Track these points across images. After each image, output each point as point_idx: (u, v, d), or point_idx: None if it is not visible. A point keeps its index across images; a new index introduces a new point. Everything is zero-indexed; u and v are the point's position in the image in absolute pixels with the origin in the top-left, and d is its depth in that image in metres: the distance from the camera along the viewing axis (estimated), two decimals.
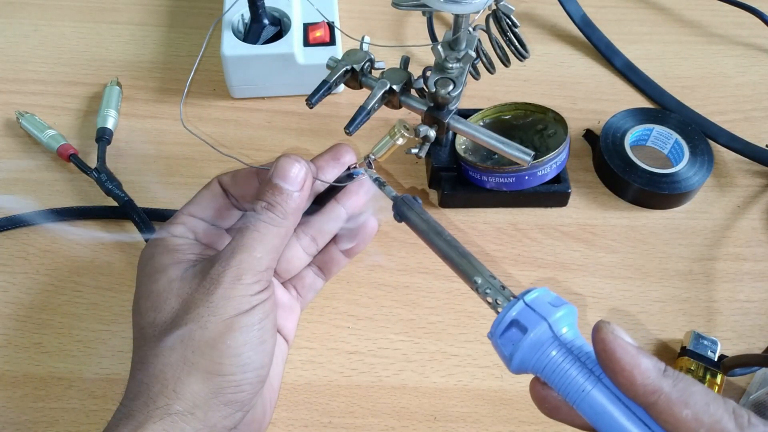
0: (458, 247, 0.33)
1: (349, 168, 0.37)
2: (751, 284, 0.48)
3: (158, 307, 0.32)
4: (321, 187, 0.38)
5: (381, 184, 0.36)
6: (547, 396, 0.29)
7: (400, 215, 0.35)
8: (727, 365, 0.42)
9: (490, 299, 0.31)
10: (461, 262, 0.33)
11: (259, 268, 0.33)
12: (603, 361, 0.26)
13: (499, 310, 0.30)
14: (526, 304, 0.29)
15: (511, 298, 0.30)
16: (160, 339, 0.32)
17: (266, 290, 0.33)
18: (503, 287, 0.31)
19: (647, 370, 0.25)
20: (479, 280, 0.32)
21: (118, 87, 0.56)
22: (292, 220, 0.34)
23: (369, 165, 0.37)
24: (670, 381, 0.25)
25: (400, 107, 0.45)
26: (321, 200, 0.39)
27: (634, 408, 0.26)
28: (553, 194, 0.50)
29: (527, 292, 0.29)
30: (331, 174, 0.38)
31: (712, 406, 0.25)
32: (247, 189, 0.37)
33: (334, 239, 0.41)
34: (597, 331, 0.27)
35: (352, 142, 0.54)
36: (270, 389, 0.37)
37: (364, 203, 0.40)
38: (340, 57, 0.44)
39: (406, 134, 0.36)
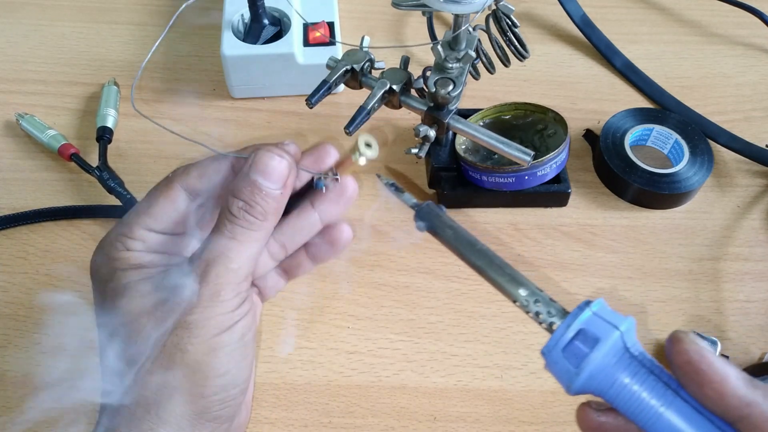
0: (495, 257, 0.30)
1: (312, 179, 0.33)
2: (751, 284, 0.48)
3: (131, 326, 0.30)
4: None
5: (398, 191, 0.32)
6: (604, 424, 0.26)
7: (428, 224, 0.31)
8: None
9: (539, 311, 0.28)
10: (502, 274, 0.29)
11: (237, 280, 0.30)
12: (686, 374, 0.25)
13: (553, 321, 0.27)
14: (594, 313, 0.26)
15: (564, 311, 0.28)
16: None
17: (246, 302, 0.31)
18: (552, 300, 0.28)
19: (737, 381, 0.24)
20: (524, 292, 0.28)
21: (115, 87, 0.56)
22: (272, 221, 0.31)
23: (335, 177, 0.33)
24: (762, 392, 0.24)
25: (400, 107, 0.45)
26: (289, 205, 0.34)
27: (719, 423, 0.24)
28: (553, 194, 0.50)
29: (588, 302, 0.27)
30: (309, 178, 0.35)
31: None
32: (218, 181, 0.33)
33: (304, 245, 0.38)
34: (677, 342, 0.25)
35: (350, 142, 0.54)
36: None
37: (341, 212, 0.36)
38: (340, 57, 0.44)
39: (367, 153, 0.32)
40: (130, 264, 0.31)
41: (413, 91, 0.46)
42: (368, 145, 0.32)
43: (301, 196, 0.35)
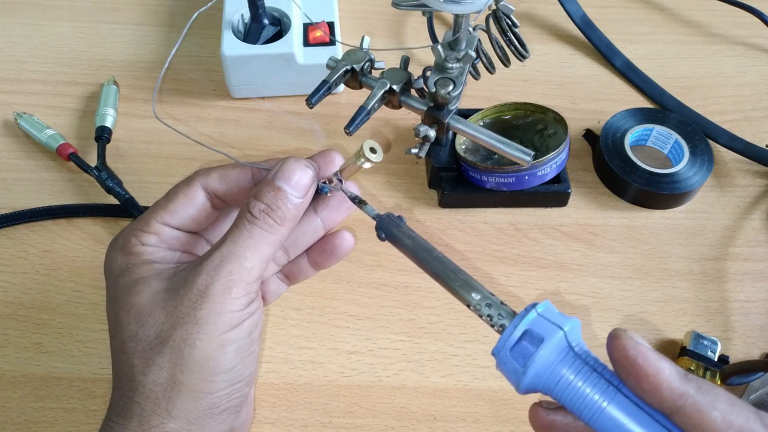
0: (449, 263, 0.31)
1: (317, 183, 0.34)
2: (751, 284, 0.48)
3: (141, 321, 0.30)
4: None
5: (360, 203, 0.34)
6: (553, 422, 0.27)
7: (386, 234, 0.33)
8: (726, 373, 0.41)
9: (490, 314, 0.29)
10: (456, 279, 0.31)
11: (249, 279, 0.31)
12: (624, 369, 0.26)
13: (504, 323, 0.29)
14: (539, 314, 0.27)
15: (513, 313, 0.29)
16: (146, 356, 0.30)
17: (255, 301, 0.31)
18: (502, 303, 0.29)
19: (672, 374, 0.25)
20: (477, 296, 0.30)
21: (115, 86, 0.56)
22: (288, 227, 0.32)
23: (340, 181, 0.34)
24: (694, 384, 0.25)
25: (400, 107, 0.45)
26: None
27: (657, 416, 0.25)
28: (553, 194, 0.50)
29: (534, 305, 0.28)
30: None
31: (737, 406, 0.25)
32: (237, 188, 0.34)
33: (306, 251, 0.38)
34: (615, 339, 0.26)
35: (351, 143, 0.54)
36: None
37: (344, 218, 0.37)
38: (340, 57, 0.44)
39: (372, 158, 0.33)
40: (143, 259, 0.32)
41: (413, 91, 0.46)
42: (373, 150, 0.33)
43: None
